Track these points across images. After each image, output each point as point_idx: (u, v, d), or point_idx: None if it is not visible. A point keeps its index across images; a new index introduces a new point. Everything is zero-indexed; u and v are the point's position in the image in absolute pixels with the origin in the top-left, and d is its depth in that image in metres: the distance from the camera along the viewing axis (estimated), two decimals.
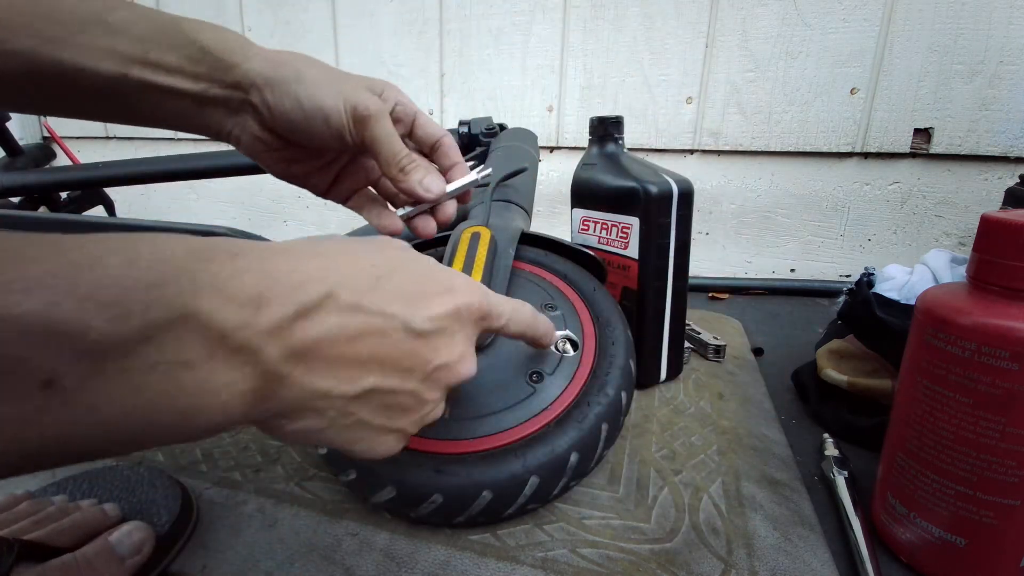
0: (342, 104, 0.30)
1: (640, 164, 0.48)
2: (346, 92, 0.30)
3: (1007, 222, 0.26)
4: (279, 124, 0.31)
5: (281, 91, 0.30)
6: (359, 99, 0.30)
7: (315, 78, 0.30)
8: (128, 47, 0.28)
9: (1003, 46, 0.73)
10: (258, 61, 0.30)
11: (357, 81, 0.32)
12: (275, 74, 0.30)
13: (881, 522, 0.33)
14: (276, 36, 1.12)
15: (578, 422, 0.34)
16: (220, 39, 0.30)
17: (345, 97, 0.30)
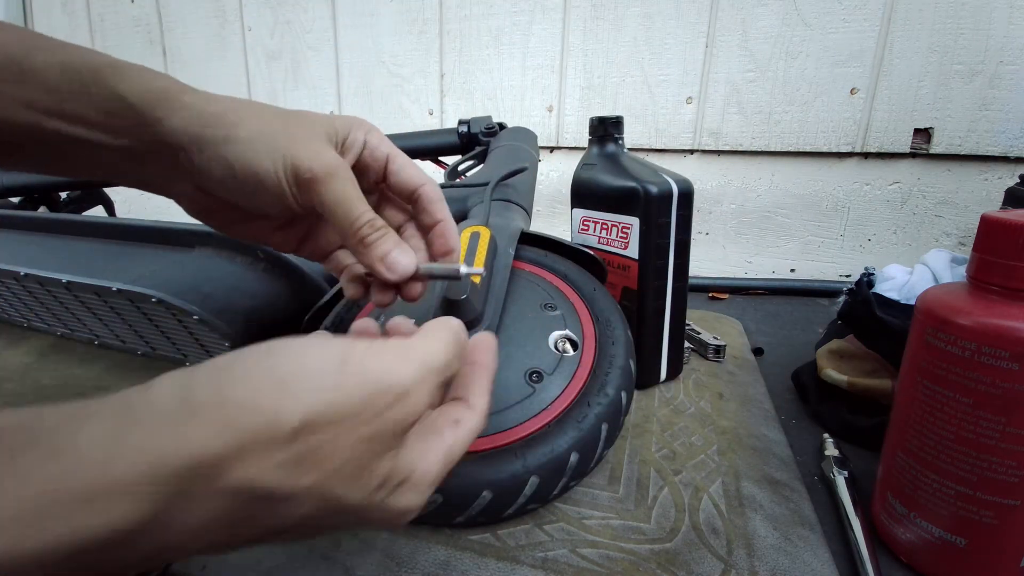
0: (281, 165, 0.24)
1: (640, 164, 0.48)
2: (288, 150, 0.24)
3: (1007, 222, 0.26)
4: (214, 187, 0.26)
5: (210, 153, 0.25)
6: (302, 159, 0.24)
7: (249, 135, 0.25)
8: (41, 97, 0.24)
9: (1003, 46, 0.73)
10: (183, 116, 0.25)
11: (309, 130, 0.26)
12: (202, 133, 0.25)
13: (881, 522, 0.33)
14: (276, 36, 1.12)
15: (578, 422, 0.34)
16: (142, 88, 0.25)
17: (284, 157, 0.24)
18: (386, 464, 0.18)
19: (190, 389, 0.15)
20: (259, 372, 0.16)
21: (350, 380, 0.17)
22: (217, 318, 0.44)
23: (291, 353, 0.17)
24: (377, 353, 0.18)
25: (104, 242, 0.58)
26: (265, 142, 0.25)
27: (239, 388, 0.16)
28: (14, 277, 0.52)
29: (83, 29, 1.29)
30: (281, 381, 0.16)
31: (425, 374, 0.19)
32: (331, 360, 0.17)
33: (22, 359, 0.57)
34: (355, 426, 0.17)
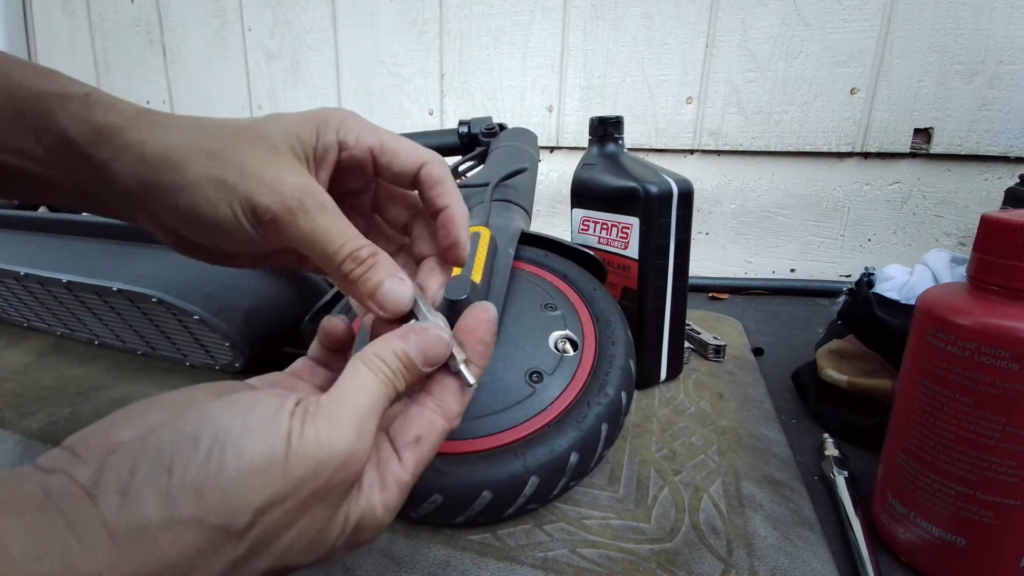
0: (239, 209, 0.21)
1: (640, 164, 0.48)
2: (242, 188, 0.21)
3: (1007, 222, 0.26)
4: (182, 238, 0.23)
5: (159, 201, 0.21)
6: (258, 198, 0.21)
7: (196, 179, 0.21)
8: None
9: (1003, 46, 0.73)
10: (126, 160, 0.21)
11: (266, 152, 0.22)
12: (148, 179, 0.21)
13: (881, 522, 0.33)
14: (276, 36, 1.12)
15: (578, 422, 0.34)
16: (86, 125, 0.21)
17: (240, 198, 0.21)
18: (339, 519, 0.18)
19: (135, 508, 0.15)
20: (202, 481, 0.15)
21: (293, 466, 0.16)
22: (217, 318, 0.44)
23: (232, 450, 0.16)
24: (313, 424, 0.17)
25: (104, 242, 0.58)
26: (215, 184, 0.21)
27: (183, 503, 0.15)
28: (14, 277, 0.52)
29: (83, 29, 1.29)
30: (226, 488, 0.15)
31: (361, 427, 0.18)
32: (276, 449, 0.16)
33: (22, 359, 0.57)
34: (303, 501, 0.16)
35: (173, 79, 1.24)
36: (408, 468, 0.20)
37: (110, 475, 0.15)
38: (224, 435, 0.16)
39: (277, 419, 0.17)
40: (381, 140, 0.23)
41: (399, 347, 0.20)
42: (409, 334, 0.21)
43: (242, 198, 0.21)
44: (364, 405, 0.18)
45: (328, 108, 0.24)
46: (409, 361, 0.20)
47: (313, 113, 0.23)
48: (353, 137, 0.23)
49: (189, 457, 0.15)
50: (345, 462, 0.17)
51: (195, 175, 0.21)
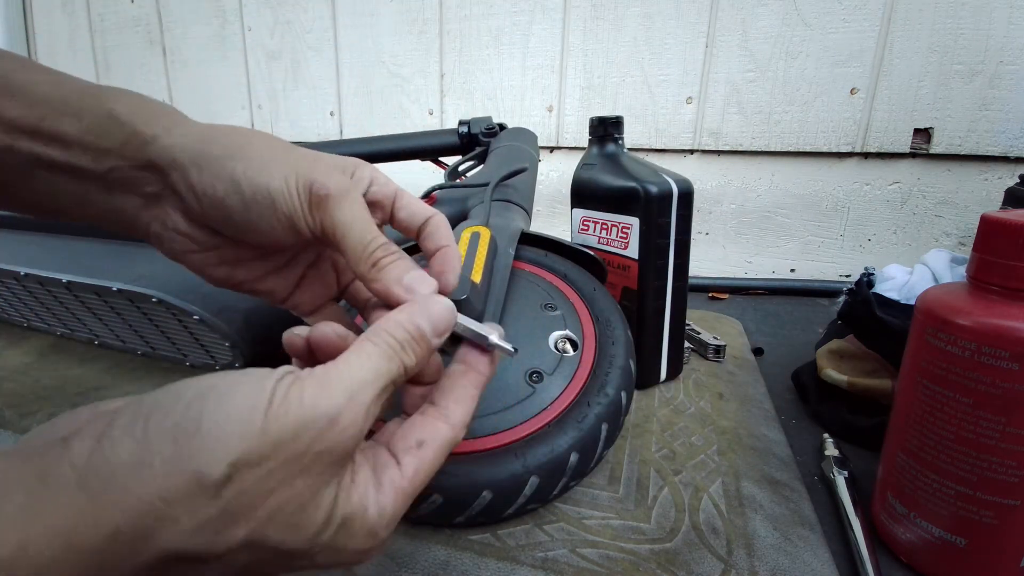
0: (294, 182, 0.22)
1: (640, 164, 0.48)
2: (300, 168, 0.23)
3: (1007, 222, 0.26)
4: (211, 214, 0.24)
5: (213, 170, 0.22)
6: (316, 175, 0.23)
7: (259, 152, 0.23)
8: (18, 112, 0.21)
9: (1003, 46, 0.73)
10: (182, 134, 0.23)
11: (316, 157, 0.24)
12: (204, 149, 0.23)
13: (881, 522, 0.33)
14: (276, 36, 1.12)
15: (578, 422, 0.34)
16: (137, 107, 0.23)
17: (298, 174, 0.23)
18: (325, 502, 0.17)
19: (109, 451, 0.14)
20: (179, 427, 0.15)
21: (273, 423, 0.15)
22: (217, 318, 0.44)
23: (213, 402, 0.15)
24: (299, 386, 0.16)
25: (104, 242, 0.58)
26: (277, 160, 0.23)
27: (157, 447, 0.14)
28: (14, 277, 0.52)
29: (83, 29, 1.29)
30: (203, 434, 0.15)
31: (352, 395, 0.17)
32: (257, 403, 0.15)
33: (22, 359, 0.57)
34: (282, 465, 0.15)
35: (173, 79, 1.24)
36: (407, 474, 0.19)
37: (89, 426, 0.15)
38: (207, 392, 0.16)
39: (264, 381, 0.16)
40: (400, 191, 0.26)
41: (404, 317, 0.20)
42: (413, 305, 0.21)
43: (301, 173, 0.22)
44: (360, 375, 0.18)
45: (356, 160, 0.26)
46: (417, 330, 0.20)
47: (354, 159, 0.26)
48: (382, 180, 0.26)
49: (170, 408, 0.15)
50: (329, 426, 0.16)
51: (257, 151, 0.23)
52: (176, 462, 0.14)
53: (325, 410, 0.16)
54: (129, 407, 0.15)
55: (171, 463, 0.14)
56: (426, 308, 0.21)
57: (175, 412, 0.15)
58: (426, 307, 0.21)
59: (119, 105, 0.23)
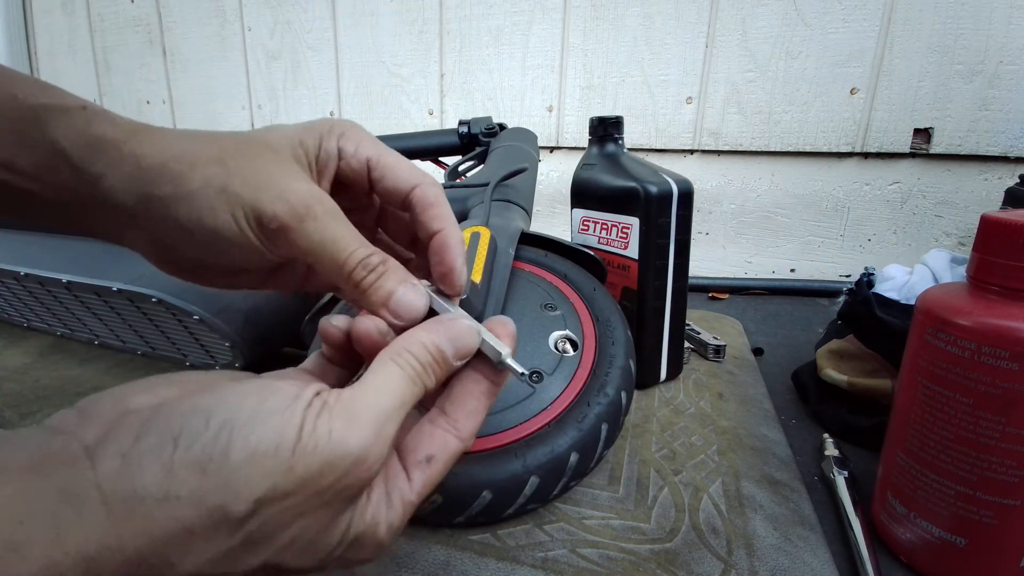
0: (241, 215, 0.20)
1: (640, 164, 0.48)
2: (247, 195, 0.20)
3: (1007, 222, 0.26)
4: (179, 250, 0.22)
5: (159, 214, 0.20)
6: (264, 205, 0.20)
7: (199, 187, 0.20)
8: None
9: (1003, 46, 0.73)
10: (123, 173, 0.20)
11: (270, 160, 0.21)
12: (146, 192, 0.20)
13: (881, 522, 0.33)
14: (276, 36, 1.12)
15: (578, 422, 0.34)
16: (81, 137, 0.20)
17: (244, 206, 0.20)
18: (340, 527, 0.17)
19: (134, 475, 0.14)
20: (207, 459, 0.15)
21: (301, 460, 0.15)
22: (217, 318, 0.44)
23: (241, 434, 0.15)
24: (328, 418, 0.16)
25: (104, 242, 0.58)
26: (218, 192, 0.20)
27: (184, 476, 0.14)
28: (14, 277, 0.52)
29: (83, 29, 1.29)
30: (231, 469, 0.15)
31: (380, 428, 0.17)
32: (285, 439, 0.15)
33: (22, 359, 0.57)
34: (305, 500, 0.16)
35: (173, 79, 1.24)
36: (415, 489, 0.19)
37: (114, 438, 0.15)
38: (236, 417, 0.15)
39: (292, 409, 0.16)
40: (378, 154, 0.23)
41: (429, 339, 0.19)
42: (438, 326, 0.20)
43: (246, 205, 0.20)
44: (387, 406, 0.17)
45: (332, 118, 0.23)
46: (440, 354, 0.19)
47: (317, 122, 0.23)
48: (352, 147, 0.22)
49: (197, 433, 0.15)
50: (356, 464, 0.16)
51: (196, 184, 0.20)
52: (203, 496, 0.14)
53: (353, 449, 0.16)
54: (156, 422, 0.15)
55: (197, 496, 0.14)
56: (451, 331, 0.20)
57: (203, 439, 0.15)
58: (451, 330, 0.20)
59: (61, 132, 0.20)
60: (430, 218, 0.22)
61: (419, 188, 0.22)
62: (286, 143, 0.21)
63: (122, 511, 0.14)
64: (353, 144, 0.22)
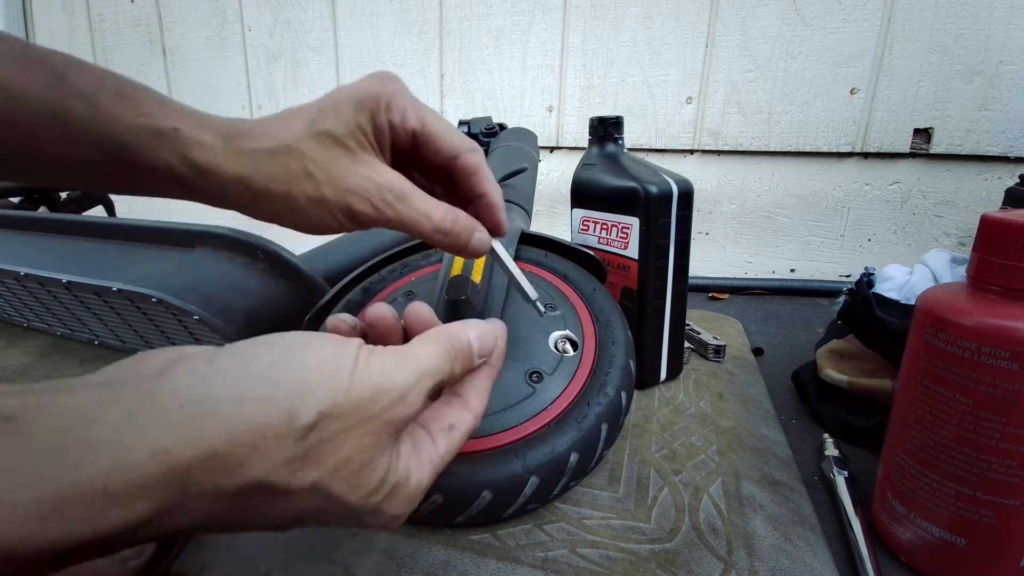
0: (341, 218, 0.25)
1: (640, 164, 0.48)
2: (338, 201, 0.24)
3: (1007, 222, 0.26)
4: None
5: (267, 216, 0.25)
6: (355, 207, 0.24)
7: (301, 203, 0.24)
8: None
9: (1003, 46, 0.73)
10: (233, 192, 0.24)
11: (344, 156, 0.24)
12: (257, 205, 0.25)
13: (881, 522, 0.33)
14: (276, 36, 1.12)
15: (578, 422, 0.34)
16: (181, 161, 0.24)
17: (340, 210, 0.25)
18: (382, 466, 0.19)
19: (209, 383, 0.16)
20: (278, 371, 0.17)
21: (356, 385, 0.18)
22: (217, 318, 0.44)
23: (308, 355, 0.18)
24: (379, 358, 0.19)
25: (104, 242, 0.58)
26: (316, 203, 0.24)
27: (257, 386, 0.16)
28: (14, 277, 0.52)
29: (83, 29, 1.29)
30: (298, 382, 0.17)
31: (419, 378, 0.19)
32: (343, 365, 0.18)
33: (22, 359, 0.57)
34: (357, 424, 0.17)
35: (173, 79, 1.24)
36: (440, 451, 0.21)
37: (184, 363, 0.16)
38: (300, 343, 0.18)
39: (346, 347, 0.19)
40: (423, 121, 0.26)
41: (464, 335, 0.22)
42: (472, 327, 0.23)
43: (341, 208, 0.24)
44: (427, 363, 0.20)
45: (379, 81, 0.26)
46: (468, 348, 0.22)
47: (366, 93, 0.25)
48: (399, 117, 0.25)
49: (266, 355, 0.17)
50: (400, 399, 0.19)
51: (298, 200, 0.24)
52: (273, 402, 0.16)
53: (399, 384, 0.19)
54: (226, 351, 0.17)
55: (268, 403, 0.16)
56: (480, 334, 0.23)
57: (272, 358, 0.17)
58: (480, 333, 0.23)
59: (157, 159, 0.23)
60: (473, 183, 0.27)
61: (460, 158, 0.26)
62: (348, 132, 0.24)
63: (199, 411, 0.15)
64: (399, 114, 0.25)
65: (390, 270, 0.44)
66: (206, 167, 0.24)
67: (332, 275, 0.53)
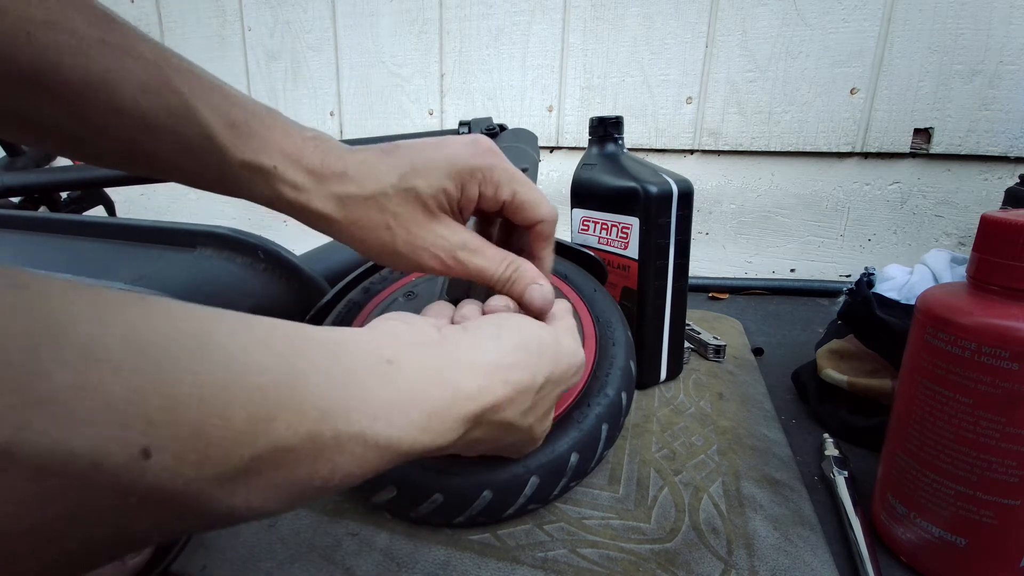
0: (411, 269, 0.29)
1: (640, 164, 0.48)
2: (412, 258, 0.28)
3: (1007, 222, 0.26)
4: None
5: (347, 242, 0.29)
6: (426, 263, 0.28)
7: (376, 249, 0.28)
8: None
9: (1003, 46, 0.73)
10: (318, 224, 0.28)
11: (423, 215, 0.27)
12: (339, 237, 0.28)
13: (881, 522, 0.33)
14: (276, 36, 1.12)
15: (578, 422, 0.34)
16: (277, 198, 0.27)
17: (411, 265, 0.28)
18: (551, 416, 0.27)
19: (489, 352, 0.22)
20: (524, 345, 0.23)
21: (562, 359, 0.25)
22: None
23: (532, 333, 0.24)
24: (567, 338, 0.26)
25: (104, 242, 0.58)
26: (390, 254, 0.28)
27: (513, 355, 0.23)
28: None
29: None
30: (538, 356, 0.24)
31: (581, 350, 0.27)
32: (553, 343, 0.25)
33: None
34: (556, 385, 0.25)
35: None
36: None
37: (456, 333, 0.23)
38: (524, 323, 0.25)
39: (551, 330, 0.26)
40: (514, 193, 0.28)
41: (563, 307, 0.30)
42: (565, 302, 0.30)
43: (412, 264, 0.28)
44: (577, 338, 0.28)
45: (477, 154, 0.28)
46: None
47: (464, 164, 0.27)
48: (492, 191, 0.28)
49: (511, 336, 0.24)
50: (579, 370, 0.27)
51: (373, 245, 0.28)
52: (525, 367, 0.23)
53: (580, 359, 0.27)
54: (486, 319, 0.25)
55: (522, 368, 0.23)
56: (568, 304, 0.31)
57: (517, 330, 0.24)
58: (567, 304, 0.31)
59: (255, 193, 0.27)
60: (536, 247, 0.31)
61: (538, 226, 0.30)
62: (433, 194, 0.27)
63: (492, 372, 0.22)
64: (492, 188, 0.28)
65: (390, 270, 0.44)
66: (296, 204, 0.27)
67: (332, 275, 0.53)
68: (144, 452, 0.11)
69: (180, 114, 0.24)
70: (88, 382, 0.10)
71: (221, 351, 0.13)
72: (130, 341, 0.11)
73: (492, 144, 0.28)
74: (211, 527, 0.14)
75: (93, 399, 0.10)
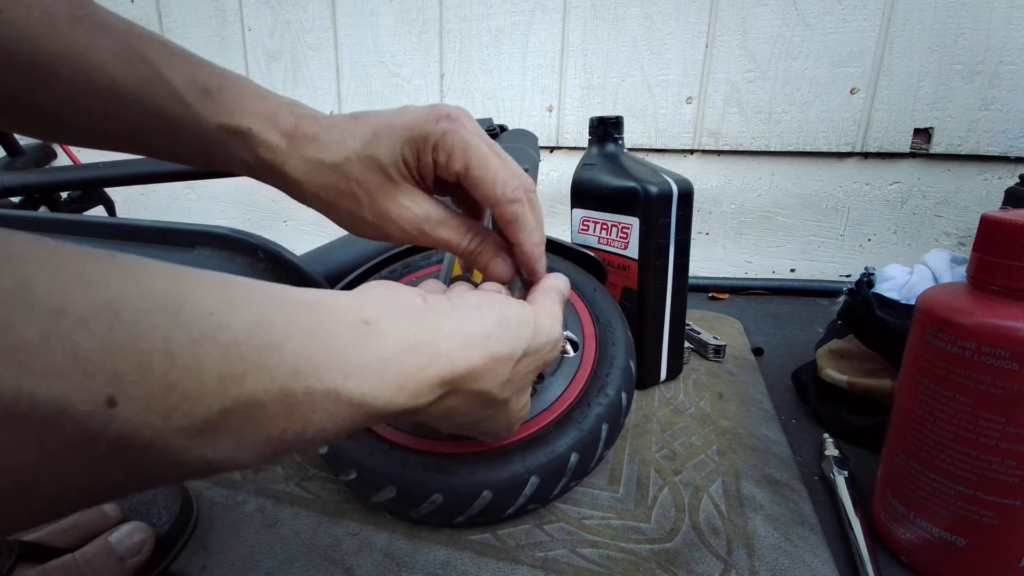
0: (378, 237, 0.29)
1: (640, 164, 0.48)
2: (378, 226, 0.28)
3: (1007, 222, 0.26)
4: None
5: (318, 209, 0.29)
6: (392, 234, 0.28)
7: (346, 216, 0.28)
8: None
9: (1003, 46, 0.73)
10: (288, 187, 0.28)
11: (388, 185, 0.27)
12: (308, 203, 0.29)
13: (881, 522, 0.33)
14: (276, 36, 1.12)
15: (578, 422, 0.34)
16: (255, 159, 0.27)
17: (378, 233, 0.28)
18: (528, 395, 0.27)
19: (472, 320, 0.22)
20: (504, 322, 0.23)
21: (539, 334, 0.24)
22: None
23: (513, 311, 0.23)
24: (544, 315, 0.25)
25: (104, 242, 0.58)
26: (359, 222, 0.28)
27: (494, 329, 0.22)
28: None
29: None
30: (517, 327, 0.23)
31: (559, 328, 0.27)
32: (532, 319, 0.24)
33: None
34: (534, 359, 0.25)
35: None
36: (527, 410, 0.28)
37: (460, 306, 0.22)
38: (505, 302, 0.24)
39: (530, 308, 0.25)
40: (466, 167, 0.26)
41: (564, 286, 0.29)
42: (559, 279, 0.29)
43: (378, 229, 0.28)
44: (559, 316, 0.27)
45: (433, 117, 0.26)
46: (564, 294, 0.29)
47: (419, 129, 0.26)
48: (444, 158, 0.27)
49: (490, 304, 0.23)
50: (555, 347, 0.26)
51: (342, 213, 0.28)
52: (503, 340, 0.22)
53: (556, 335, 0.26)
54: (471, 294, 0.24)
55: (501, 340, 0.22)
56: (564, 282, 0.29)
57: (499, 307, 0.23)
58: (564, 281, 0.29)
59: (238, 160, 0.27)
60: (509, 232, 0.28)
61: (498, 207, 0.27)
62: (392, 161, 0.27)
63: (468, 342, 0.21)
64: (445, 156, 0.27)
65: (390, 270, 0.44)
66: (270, 165, 0.27)
67: (332, 275, 0.53)
68: (109, 400, 0.11)
69: (153, 84, 0.24)
70: (53, 333, 0.11)
71: (192, 308, 0.13)
72: (98, 296, 0.12)
73: (455, 110, 0.27)
74: (189, 477, 0.14)
75: (58, 350, 0.10)
